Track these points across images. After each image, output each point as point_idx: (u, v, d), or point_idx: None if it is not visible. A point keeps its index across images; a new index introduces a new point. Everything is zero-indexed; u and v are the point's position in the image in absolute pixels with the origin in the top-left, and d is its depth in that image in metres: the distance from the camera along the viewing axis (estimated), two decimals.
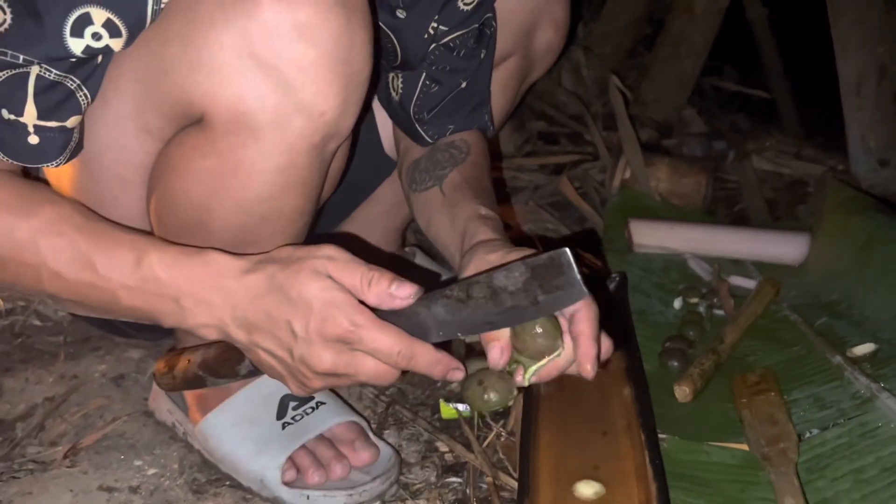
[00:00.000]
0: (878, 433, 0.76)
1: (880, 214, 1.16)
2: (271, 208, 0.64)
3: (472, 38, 0.84)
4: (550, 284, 0.56)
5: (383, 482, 0.74)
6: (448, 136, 0.88)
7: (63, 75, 0.58)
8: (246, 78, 0.58)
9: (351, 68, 0.60)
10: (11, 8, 0.55)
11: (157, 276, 0.59)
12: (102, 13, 0.56)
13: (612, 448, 0.77)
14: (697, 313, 1.10)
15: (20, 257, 0.60)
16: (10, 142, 0.60)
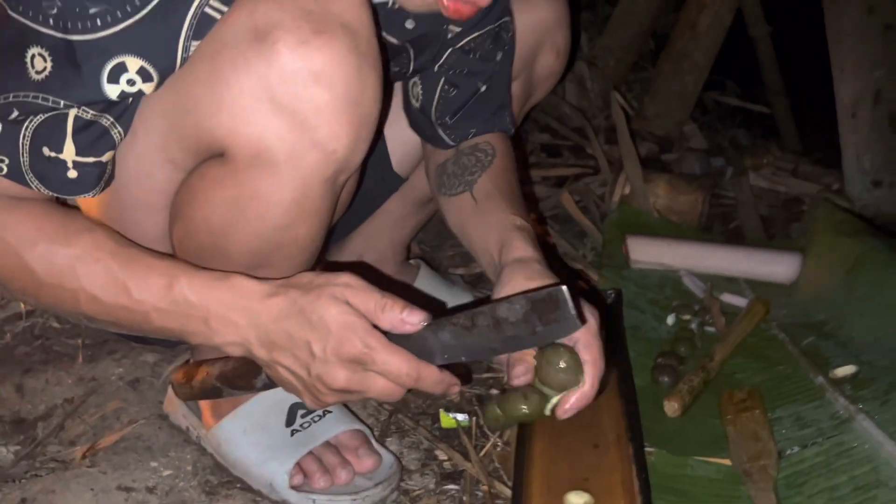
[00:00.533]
0: (853, 453, 0.80)
1: (869, 238, 1.20)
2: (286, 236, 0.69)
3: (489, 39, 0.88)
4: (548, 317, 0.61)
5: (385, 488, 0.79)
6: (471, 139, 0.92)
7: (99, 114, 0.63)
8: (266, 119, 0.62)
9: (362, 110, 0.64)
10: (52, 57, 0.60)
11: (187, 298, 0.63)
12: (137, 61, 0.61)
13: (601, 460, 0.81)
14: (689, 330, 1.15)
15: (60, 282, 0.64)
16: (51, 177, 0.64)
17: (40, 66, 0.60)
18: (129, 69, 0.61)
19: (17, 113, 0.61)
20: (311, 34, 0.61)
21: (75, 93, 0.61)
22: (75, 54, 0.60)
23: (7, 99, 0.61)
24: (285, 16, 0.61)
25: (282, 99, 0.61)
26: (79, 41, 0.59)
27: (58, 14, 0.58)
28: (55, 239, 0.64)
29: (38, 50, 0.60)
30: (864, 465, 0.78)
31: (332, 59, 0.61)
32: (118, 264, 0.64)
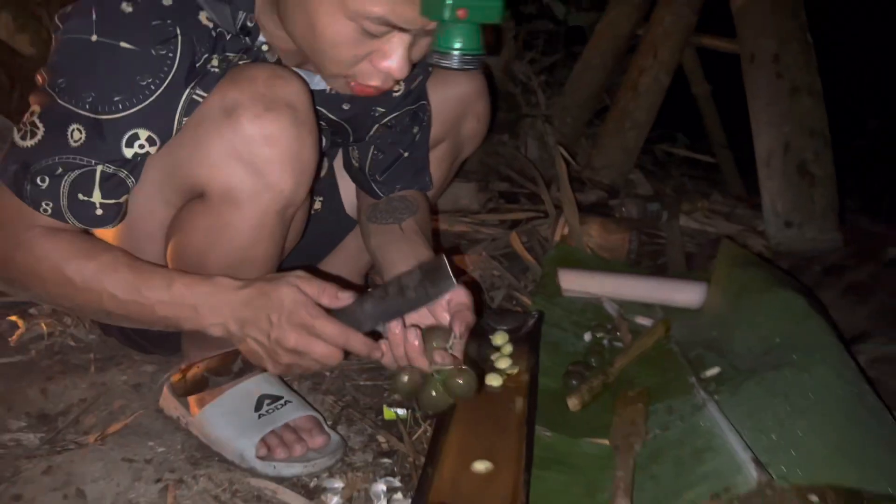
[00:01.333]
0: (699, 430, 1.01)
1: (753, 268, 1.43)
2: (249, 254, 0.93)
3: (408, 117, 1.13)
4: (435, 279, 0.86)
5: (331, 459, 1.00)
6: (399, 192, 1.17)
7: (118, 169, 0.87)
8: (232, 169, 0.87)
9: (302, 162, 0.90)
10: (86, 130, 0.84)
11: (182, 292, 0.87)
12: (146, 132, 0.86)
13: (505, 439, 1.03)
14: (601, 345, 1.37)
15: (90, 287, 0.88)
16: (83, 215, 0.89)
17: (77, 137, 0.85)
18: (140, 137, 0.86)
19: (60, 170, 0.85)
20: (263, 110, 0.86)
21: (102, 155, 0.86)
22: (103, 128, 0.84)
23: (54, 160, 0.85)
24: (245, 98, 0.87)
25: (243, 155, 0.86)
26: (106, 119, 0.84)
27: (92, 102, 0.84)
28: (84, 256, 0.88)
29: (77, 125, 0.84)
30: (702, 437, 0.99)
31: (279, 126, 0.87)
32: (131, 272, 0.88)
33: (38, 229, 0.88)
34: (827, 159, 1.90)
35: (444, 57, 0.83)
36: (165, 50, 0.84)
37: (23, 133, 0.87)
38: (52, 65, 0.85)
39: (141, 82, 0.84)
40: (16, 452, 1.03)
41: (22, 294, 0.94)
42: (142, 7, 0.84)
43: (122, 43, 0.83)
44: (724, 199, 2.40)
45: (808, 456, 0.89)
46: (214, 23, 0.88)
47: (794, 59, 1.93)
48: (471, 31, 0.83)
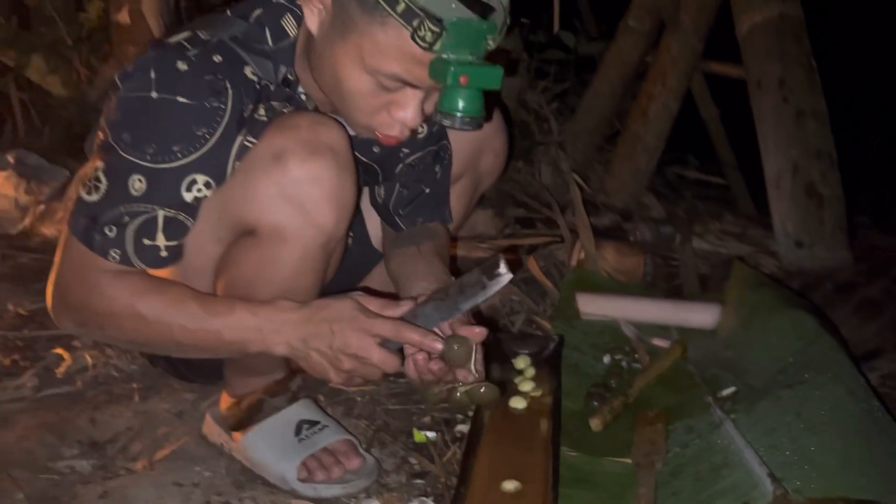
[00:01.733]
0: (716, 447, 1.07)
1: (764, 288, 1.48)
2: (294, 285, 1.00)
3: (430, 157, 1.21)
4: (491, 274, 0.94)
5: (367, 480, 1.06)
6: (419, 225, 1.24)
7: (178, 212, 0.95)
8: (280, 208, 0.95)
9: (342, 200, 0.97)
10: (146, 180, 0.92)
11: (245, 317, 0.94)
12: (203, 177, 0.94)
13: (532, 459, 1.08)
14: (620, 367, 1.42)
15: (161, 320, 0.95)
16: (149, 258, 0.96)
17: (138, 187, 0.92)
18: (198, 182, 0.94)
19: (126, 219, 0.93)
20: (308, 154, 0.94)
21: (164, 201, 0.93)
22: (164, 177, 0.92)
23: (119, 210, 0.93)
24: (291, 143, 0.95)
25: (291, 195, 0.94)
26: (166, 168, 0.92)
27: (153, 153, 0.91)
28: (153, 292, 0.95)
29: (138, 176, 0.92)
30: (720, 453, 1.04)
31: (323, 169, 0.95)
32: (197, 303, 0.95)
33: (107, 274, 0.95)
34: (834, 179, 1.96)
35: (445, 116, 0.90)
36: (217, 102, 0.92)
37: (88, 189, 0.95)
38: (115, 121, 0.93)
39: (197, 132, 0.92)
40: (71, 479, 1.09)
41: (97, 335, 1.02)
42: (195, 64, 0.92)
43: (179, 98, 0.91)
44: (735, 219, 2.45)
45: (822, 470, 0.94)
46: (258, 76, 0.96)
47: (798, 84, 1.99)
48: (472, 96, 0.89)
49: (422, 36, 0.84)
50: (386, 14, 0.85)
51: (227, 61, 0.93)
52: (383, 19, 0.85)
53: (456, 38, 0.85)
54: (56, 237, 2.02)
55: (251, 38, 0.96)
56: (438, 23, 0.84)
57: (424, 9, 0.84)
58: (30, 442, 1.17)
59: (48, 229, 2.05)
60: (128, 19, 2.28)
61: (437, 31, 0.84)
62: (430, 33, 0.84)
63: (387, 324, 0.93)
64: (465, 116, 0.89)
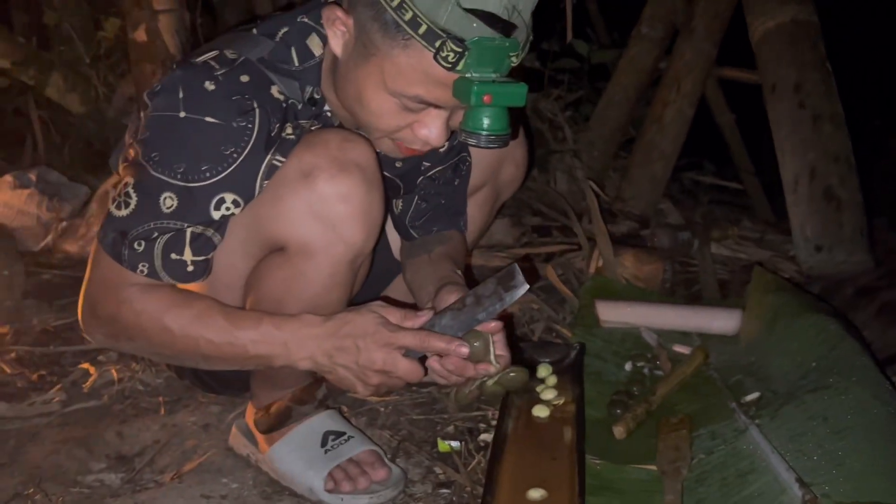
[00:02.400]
0: (741, 453, 1.07)
1: (785, 293, 1.48)
2: (322, 301, 1.01)
3: (450, 170, 1.22)
4: (507, 284, 0.94)
5: (394, 490, 1.07)
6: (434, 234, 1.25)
7: (206, 229, 0.96)
8: (310, 224, 0.96)
9: (370, 217, 0.98)
10: (177, 197, 0.93)
11: (270, 331, 0.95)
12: (231, 195, 0.95)
13: (557, 468, 1.08)
14: (642, 374, 1.42)
15: (188, 333, 0.96)
16: (176, 272, 0.97)
17: (169, 204, 0.94)
18: (226, 201, 0.95)
19: (155, 234, 0.94)
20: (337, 172, 0.95)
21: (193, 218, 0.95)
22: (193, 195, 0.94)
23: (149, 226, 0.94)
24: (321, 161, 0.96)
25: (320, 212, 0.95)
26: (195, 187, 0.93)
27: (183, 172, 0.93)
28: (180, 306, 0.96)
29: (169, 194, 0.93)
30: (746, 459, 1.04)
31: (351, 186, 0.96)
32: (223, 317, 0.96)
33: (136, 288, 0.96)
34: (852, 183, 1.95)
35: (470, 136, 0.91)
36: (245, 122, 0.93)
37: (117, 203, 0.96)
38: (145, 140, 0.95)
39: (224, 152, 0.93)
40: (101, 492, 1.10)
41: (126, 347, 1.03)
42: (223, 84, 0.93)
43: (206, 118, 0.92)
44: (753, 224, 2.45)
45: (851, 474, 0.94)
46: (285, 95, 0.97)
47: (814, 88, 1.99)
48: (496, 114, 0.89)
49: (444, 56, 0.85)
50: (408, 36, 0.86)
51: (254, 81, 0.95)
52: (405, 42, 0.86)
53: (478, 57, 0.85)
54: (78, 254, 2.05)
55: (277, 58, 0.98)
56: (461, 43, 0.84)
57: (446, 29, 0.84)
58: (59, 456, 1.18)
59: (70, 246, 2.07)
60: (144, 37, 2.31)
61: (459, 50, 0.84)
62: (452, 53, 0.85)
63: (410, 335, 0.94)
64: (490, 135, 0.89)
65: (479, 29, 0.85)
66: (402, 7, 0.84)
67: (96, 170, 2.51)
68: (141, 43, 2.31)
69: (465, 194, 1.25)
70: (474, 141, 0.90)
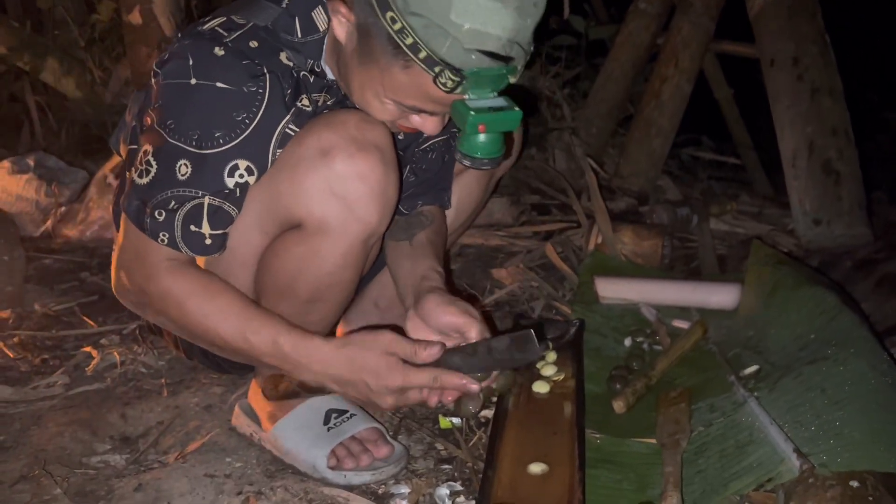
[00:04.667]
0: (740, 425, 1.07)
1: (784, 266, 1.48)
2: (336, 278, 1.02)
3: (443, 144, 1.22)
4: (522, 348, 0.95)
5: (396, 467, 1.08)
6: (419, 208, 1.24)
7: (222, 202, 0.97)
8: (327, 202, 0.96)
9: (387, 197, 0.99)
10: (192, 164, 0.94)
11: (285, 351, 0.96)
12: (244, 162, 0.95)
13: (558, 442, 1.09)
14: (641, 349, 1.43)
15: (203, 325, 0.97)
16: (194, 244, 0.98)
17: (184, 171, 0.94)
18: (240, 167, 0.96)
19: (174, 203, 0.95)
20: (356, 151, 0.96)
21: (208, 185, 0.95)
22: (207, 161, 0.94)
23: (166, 194, 0.95)
24: (340, 140, 0.96)
25: (337, 191, 0.96)
26: (209, 153, 0.94)
27: (198, 139, 0.93)
28: (202, 296, 0.97)
29: (184, 161, 0.94)
30: (744, 431, 1.05)
31: (369, 165, 0.96)
32: (240, 321, 0.97)
33: (164, 263, 0.97)
34: (851, 156, 1.95)
35: (465, 157, 0.95)
36: (255, 87, 0.94)
37: (139, 172, 0.97)
38: (159, 107, 0.95)
39: (237, 117, 0.94)
40: (106, 473, 1.11)
41: (152, 318, 1.05)
42: (232, 50, 0.93)
43: (217, 83, 0.92)
44: (752, 199, 2.45)
45: (848, 444, 0.95)
46: (293, 62, 0.98)
47: (813, 61, 1.98)
48: (491, 140, 0.93)
49: (443, 83, 0.88)
50: (408, 59, 0.88)
51: (263, 46, 0.95)
52: (406, 63, 0.89)
53: (475, 83, 0.89)
54: (78, 238, 2.05)
55: (280, 27, 0.98)
56: (458, 72, 0.87)
57: (444, 60, 0.87)
58: (63, 438, 1.19)
59: (70, 230, 2.08)
60: (139, 19, 2.29)
61: (457, 80, 0.88)
62: (450, 81, 0.88)
63: (422, 376, 0.95)
64: (483, 159, 0.94)
65: (477, 61, 0.87)
66: (404, 32, 0.87)
67: (94, 154, 2.51)
68: (136, 25, 2.30)
69: (451, 170, 1.25)
70: (469, 163, 0.95)
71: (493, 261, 1.88)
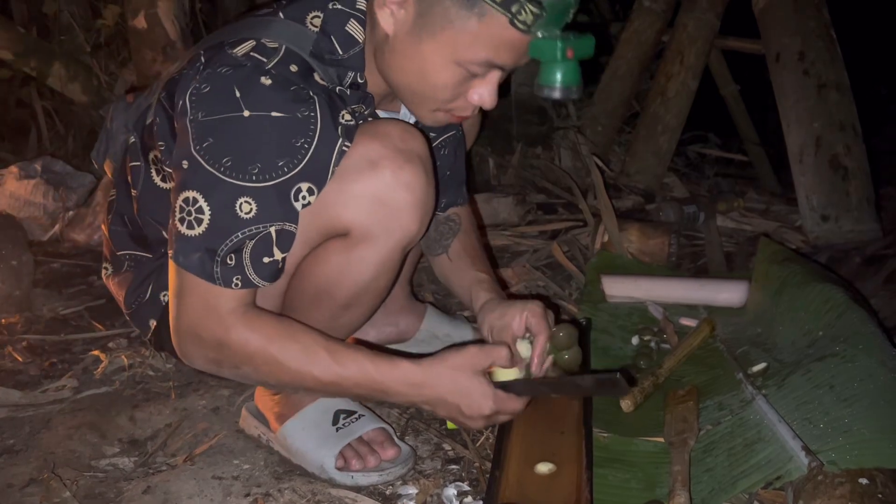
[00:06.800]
0: (748, 423, 1.07)
1: (792, 263, 1.47)
2: (373, 285, 1.03)
3: (454, 141, 1.23)
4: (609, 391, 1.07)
5: (403, 468, 1.08)
6: (445, 212, 1.27)
7: (284, 223, 0.95)
8: (374, 211, 0.97)
9: (427, 206, 1.00)
10: (255, 200, 0.92)
11: (374, 379, 0.97)
12: (307, 184, 0.95)
13: (565, 441, 1.09)
14: (649, 347, 1.42)
15: (291, 367, 0.96)
16: (271, 272, 0.97)
17: (247, 209, 0.92)
18: (303, 189, 0.95)
19: (245, 243, 0.93)
20: (403, 162, 0.97)
21: (277, 216, 0.94)
22: (274, 192, 0.93)
23: (237, 237, 0.93)
24: (387, 152, 0.97)
25: (385, 199, 0.97)
26: (275, 183, 0.93)
27: (259, 171, 0.92)
28: (286, 337, 0.96)
29: (245, 198, 0.92)
30: (753, 429, 1.04)
31: (415, 176, 0.97)
32: (329, 356, 0.96)
33: (239, 309, 0.95)
34: (859, 151, 1.94)
35: (551, 90, 0.93)
36: (307, 111, 0.93)
37: (187, 223, 0.93)
38: (209, 146, 0.92)
39: (296, 144, 0.93)
40: (115, 475, 1.12)
41: (228, 373, 1.00)
42: (277, 78, 0.93)
43: (272, 113, 0.91)
44: (759, 195, 2.44)
45: (856, 441, 0.94)
46: (326, 82, 0.98)
47: (819, 56, 1.97)
48: (574, 68, 0.93)
49: (522, 20, 0.89)
50: (484, 5, 0.89)
51: (301, 70, 0.95)
52: (481, 10, 0.89)
53: (551, 16, 0.90)
54: (85, 242, 2.06)
55: (322, 49, 0.98)
56: (539, 5, 0.88)
57: None
58: (72, 442, 1.19)
59: (78, 235, 2.09)
60: (144, 24, 2.30)
61: (537, 12, 0.88)
62: (530, 16, 0.89)
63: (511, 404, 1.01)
64: (571, 87, 0.93)
65: None
66: None
67: None
68: (141, 30, 2.30)
69: (464, 164, 1.27)
70: (556, 94, 0.93)
71: (500, 260, 1.88)
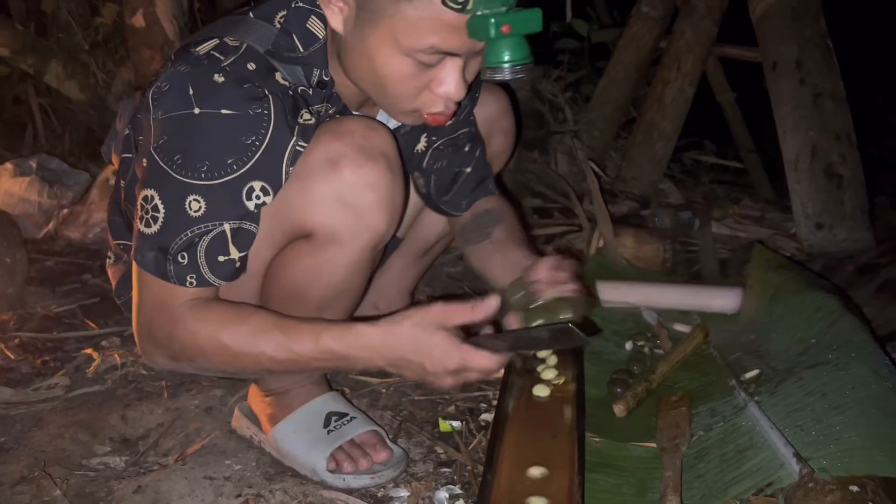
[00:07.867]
0: (740, 429, 1.07)
1: (786, 271, 1.48)
2: (346, 286, 1.02)
3: (465, 138, 1.22)
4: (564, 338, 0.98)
5: (395, 470, 1.08)
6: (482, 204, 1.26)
7: (241, 222, 0.94)
8: (337, 212, 0.96)
9: (394, 204, 0.99)
10: (203, 198, 0.91)
11: (331, 347, 0.93)
12: (259, 183, 0.93)
13: (557, 446, 1.09)
14: (643, 353, 1.43)
15: (247, 351, 0.94)
16: (226, 272, 0.96)
17: (196, 207, 0.92)
18: (255, 189, 0.94)
19: (196, 241, 0.92)
20: (364, 160, 0.96)
21: (228, 213, 0.93)
22: (221, 189, 0.92)
23: (186, 235, 0.92)
24: (347, 149, 0.96)
25: (347, 200, 0.95)
26: (223, 181, 0.92)
27: (207, 170, 0.91)
28: (234, 322, 0.94)
29: (194, 196, 0.91)
30: (745, 435, 1.05)
31: (378, 174, 0.96)
32: (281, 332, 0.94)
33: (189, 303, 0.94)
34: (854, 160, 1.94)
35: (495, 71, 0.89)
36: (260, 108, 0.92)
37: (145, 221, 0.94)
38: (162, 144, 0.91)
39: (246, 141, 0.92)
40: (105, 475, 1.11)
41: (189, 368, 1.00)
42: (231, 74, 0.91)
43: (222, 110, 0.90)
44: (754, 203, 2.44)
45: (848, 449, 0.94)
46: (289, 81, 0.97)
47: (815, 65, 1.98)
48: (517, 44, 0.88)
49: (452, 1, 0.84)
50: None
51: (260, 68, 0.94)
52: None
53: None
54: (80, 240, 2.06)
55: (281, 47, 0.96)
56: None
57: None
58: (64, 440, 1.19)
59: (72, 233, 2.08)
60: (142, 22, 2.30)
61: None
62: None
63: (479, 358, 0.93)
64: (514, 65, 0.89)
65: None
66: None
67: (97, 156, 2.51)
68: (139, 28, 2.30)
69: (485, 159, 1.26)
70: (500, 75, 0.89)
71: None
